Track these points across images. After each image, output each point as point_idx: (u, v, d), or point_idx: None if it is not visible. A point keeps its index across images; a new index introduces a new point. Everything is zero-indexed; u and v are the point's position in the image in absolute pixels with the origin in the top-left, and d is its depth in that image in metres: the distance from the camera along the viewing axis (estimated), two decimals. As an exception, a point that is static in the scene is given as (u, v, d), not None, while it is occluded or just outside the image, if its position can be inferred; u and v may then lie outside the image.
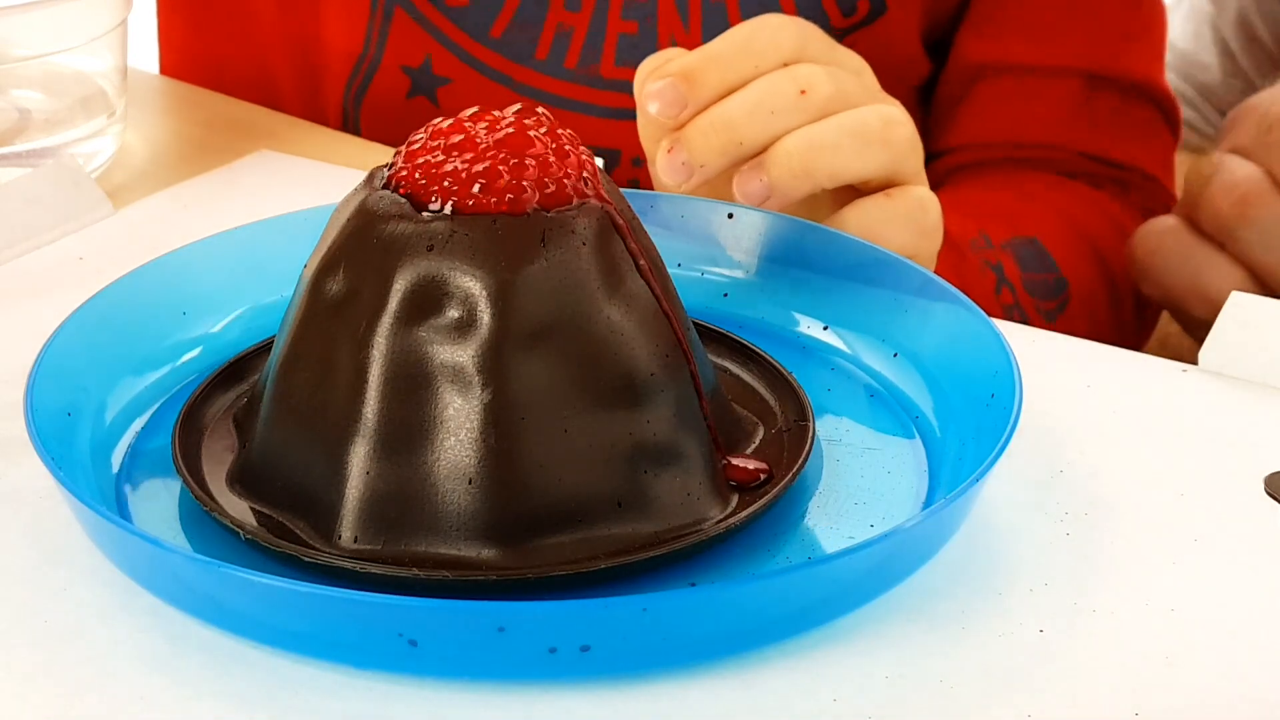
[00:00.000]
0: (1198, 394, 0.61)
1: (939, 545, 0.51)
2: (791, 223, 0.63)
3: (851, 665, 0.48)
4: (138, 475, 0.54)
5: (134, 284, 0.59)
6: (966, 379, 0.56)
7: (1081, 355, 0.64)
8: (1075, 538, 0.53)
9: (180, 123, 0.84)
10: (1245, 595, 0.51)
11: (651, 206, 0.64)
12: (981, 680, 0.48)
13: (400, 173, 0.52)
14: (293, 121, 0.85)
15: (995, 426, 0.52)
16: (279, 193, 0.75)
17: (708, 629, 0.47)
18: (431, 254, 0.50)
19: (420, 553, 0.49)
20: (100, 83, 0.78)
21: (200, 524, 0.52)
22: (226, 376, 0.57)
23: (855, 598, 0.49)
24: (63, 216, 0.71)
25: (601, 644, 0.46)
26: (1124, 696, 0.47)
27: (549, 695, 0.47)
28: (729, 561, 0.51)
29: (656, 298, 0.52)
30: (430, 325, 0.50)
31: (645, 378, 0.51)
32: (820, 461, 0.55)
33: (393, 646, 0.46)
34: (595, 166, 0.53)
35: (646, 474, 0.51)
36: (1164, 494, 0.55)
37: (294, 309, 0.53)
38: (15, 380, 0.54)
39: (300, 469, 0.51)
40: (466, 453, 0.49)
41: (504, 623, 0.45)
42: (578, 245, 0.51)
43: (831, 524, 0.53)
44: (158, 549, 0.47)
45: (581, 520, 0.50)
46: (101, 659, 0.48)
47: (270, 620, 0.47)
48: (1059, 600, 0.50)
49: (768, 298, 0.63)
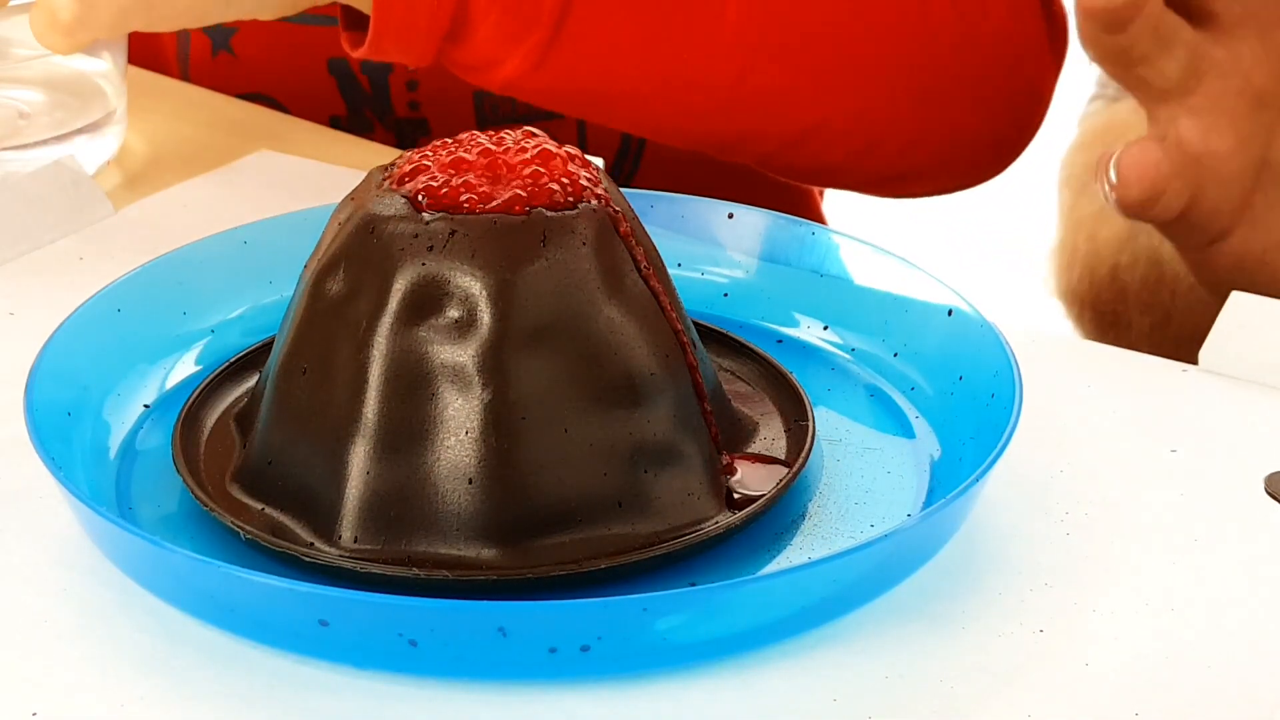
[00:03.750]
0: (1198, 394, 0.61)
1: (939, 545, 0.51)
2: (791, 222, 0.63)
3: (851, 665, 0.48)
4: (138, 475, 0.54)
5: (134, 284, 0.59)
6: (966, 379, 0.56)
7: (1081, 355, 0.64)
8: (1075, 538, 0.53)
9: (180, 123, 0.84)
10: (1245, 595, 0.51)
11: (651, 206, 0.64)
12: (981, 680, 0.47)
13: (401, 173, 0.52)
14: (293, 121, 0.85)
15: (995, 426, 0.52)
16: (279, 193, 0.75)
17: (708, 629, 0.47)
18: (432, 254, 0.50)
19: (420, 553, 0.49)
20: (100, 83, 0.78)
21: (200, 524, 0.52)
22: (226, 376, 0.57)
23: (855, 598, 0.49)
24: (63, 216, 0.71)
25: (601, 644, 0.46)
26: (1124, 696, 0.47)
27: (549, 695, 0.47)
28: (729, 561, 0.51)
29: (656, 297, 0.52)
30: (430, 325, 0.50)
31: (645, 378, 0.51)
32: (820, 461, 0.55)
33: (393, 646, 0.46)
34: (596, 168, 0.53)
35: (646, 474, 0.51)
36: (1164, 494, 0.55)
37: (294, 309, 0.53)
38: (15, 380, 0.54)
39: (301, 469, 0.51)
40: (467, 453, 0.49)
41: (504, 623, 0.45)
42: (578, 245, 0.51)
43: (831, 524, 0.53)
44: (158, 549, 0.47)
45: (581, 520, 0.50)
46: (101, 659, 0.48)
47: (270, 620, 0.47)
48: (1059, 600, 0.50)
49: (768, 298, 0.63)
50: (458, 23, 0.73)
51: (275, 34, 0.88)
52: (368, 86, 0.89)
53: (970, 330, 0.57)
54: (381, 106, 0.90)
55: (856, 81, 0.79)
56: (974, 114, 0.84)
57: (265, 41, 0.90)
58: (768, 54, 0.77)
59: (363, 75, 0.89)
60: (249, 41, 0.90)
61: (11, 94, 0.78)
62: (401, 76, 0.89)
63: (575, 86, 0.77)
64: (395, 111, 0.90)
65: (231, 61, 0.90)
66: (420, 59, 0.74)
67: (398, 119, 0.91)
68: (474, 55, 0.74)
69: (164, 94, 0.87)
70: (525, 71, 0.75)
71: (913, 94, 0.81)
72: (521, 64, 0.74)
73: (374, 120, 0.91)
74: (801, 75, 0.78)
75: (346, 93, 0.90)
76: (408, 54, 0.73)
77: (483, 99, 0.90)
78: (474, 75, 0.76)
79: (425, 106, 0.90)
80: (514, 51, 0.74)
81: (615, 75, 0.77)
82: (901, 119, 0.81)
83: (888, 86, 0.80)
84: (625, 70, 0.76)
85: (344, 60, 0.89)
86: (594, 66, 0.76)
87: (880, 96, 0.80)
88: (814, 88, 0.79)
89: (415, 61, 0.74)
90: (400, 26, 0.72)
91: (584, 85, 0.77)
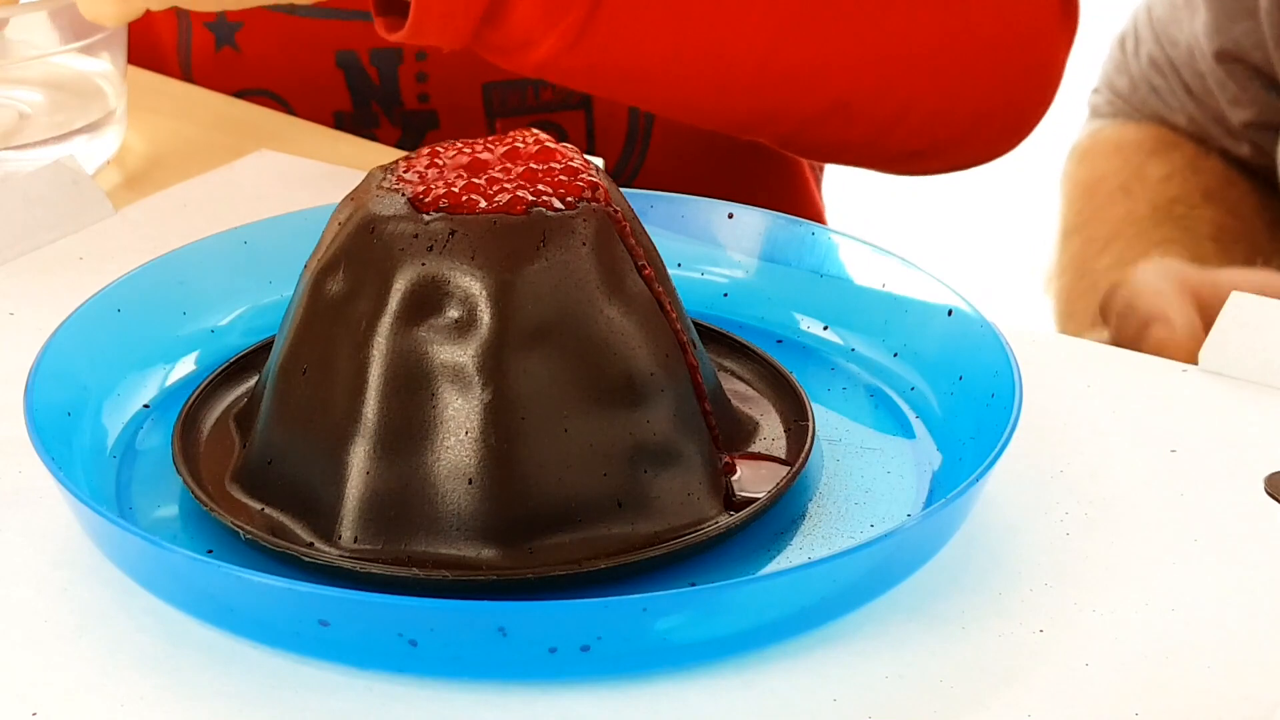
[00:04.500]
0: (1198, 394, 0.61)
1: (939, 545, 0.51)
2: (791, 222, 0.63)
3: (851, 665, 0.48)
4: (138, 475, 0.54)
5: (134, 284, 0.59)
6: (966, 379, 0.56)
7: (1081, 355, 0.64)
8: (1075, 538, 0.53)
9: (180, 123, 0.84)
10: (1245, 595, 0.51)
11: (651, 206, 0.64)
12: (981, 680, 0.48)
13: (401, 174, 0.52)
14: (293, 121, 0.85)
15: (995, 426, 0.52)
16: (279, 193, 0.75)
17: (708, 629, 0.47)
18: (432, 254, 0.50)
19: (420, 553, 0.49)
20: (100, 83, 0.78)
21: (200, 524, 0.52)
22: (226, 376, 0.57)
23: (855, 598, 0.49)
24: (63, 216, 0.71)
25: (601, 644, 0.46)
26: (1124, 696, 0.47)
27: (549, 695, 0.47)
28: (729, 561, 0.51)
29: (656, 298, 0.52)
30: (430, 325, 0.50)
31: (645, 378, 0.51)
32: (820, 461, 0.55)
33: (393, 646, 0.46)
34: (596, 168, 0.53)
35: (646, 474, 0.51)
36: (1164, 494, 0.55)
37: (294, 309, 0.53)
38: (15, 380, 0.54)
39: (301, 469, 0.51)
40: (466, 453, 0.49)
41: (504, 623, 0.45)
42: (578, 245, 0.51)
43: (831, 524, 0.53)
44: (158, 549, 0.47)
45: (581, 520, 0.50)
46: (101, 659, 0.48)
47: (270, 620, 0.47)
48: (1059, 600, 0.50)
49: (768, 298, 0.63)
50: (496, 3, 0.73)
51: (282, 28, 0.88)
52: (376, 79, 0.89)
53: (970, 330, 0.57)
54: (390, 99, 0.90)
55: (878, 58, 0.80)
56: (991, 88, 0.84)
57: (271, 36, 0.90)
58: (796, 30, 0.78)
59: (372, 67, 0.90)
60: (254, 36, 0.90)
61: (11, 94, 0.78)
62: (411, 69, 0.89)
63: (609, 66, 0.77)
64: (404, 104, 0.90)
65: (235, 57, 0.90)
66: (456, 41, 0.74)
67: (405, 112, 0.91)
68: (510, 36, 0.75)
69: (164, 94, 0.87)
70: (560, 51, 0.75)
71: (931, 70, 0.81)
72: (557, 43, 0.75)
73: (380, 114, 0.91)
74: (827, 52, 0.79)
75: (354, 85, 0.90)
76: (445, 35, 0.74)
77: (491, 90, 0.90)
78: (507, 57, 0.76)
79: (434, 98, 0.90)
80: (550, 31, 0.74)
81: (648, 54, 0.77)
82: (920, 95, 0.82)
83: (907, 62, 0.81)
84: (658, 49, 0.77)
85: (353, 53, 0.89)
86: (628, 46, 0.76)
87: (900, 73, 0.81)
88: (839, 65, 0.79)
89: (451, 44, 0.74)
90: (443, 9, 0.72)
91: (617, 64, 0.77)
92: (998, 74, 0.83)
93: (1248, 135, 1.09)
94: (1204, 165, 1.11)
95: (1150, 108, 1.14)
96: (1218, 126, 1.11)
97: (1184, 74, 1.11)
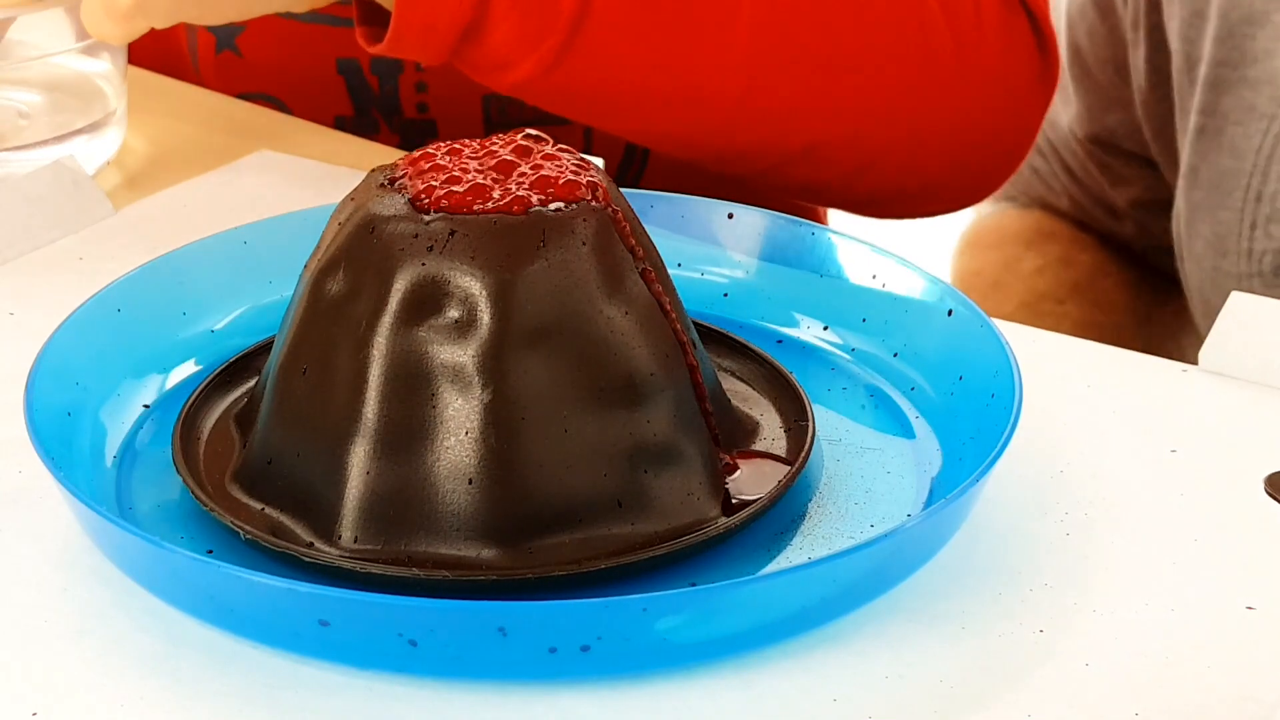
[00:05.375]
0: (1198, 394, 0.61)
1: (939, 545, 0.51)
2: (791, 222, 0.63)
3: (851, 665, 0.48)
4: (138, 475, 0.54)
5: (134, 284, 0.59)
6: (966, 379, 0.56)
7: (1081, 355, 0.64)
8: (1075, 538, 0.53)
9: (180, 123, 0.84)
10: (1245, 595, 0.51)
11: (651, 206, 0.64)
12: (981, 680, 0.48)
13: (401, 174, 0.52)
14: (293, 121, 0.85)
15: (995, 426, 0.52)
16: (279, 193, 0.75)
17: (708, 629, 0.47)
18: (432, 254, 0.50)
19: (420, 553, 0.49)
20: (100, 83, 0.78)
21: (200, 524, 0.52)
22: (226, 377, 0.57)
23: (855, 598, 0.49)
24: (63, 217, 0.71)
25: (601, 644, 0.46)
26: (1124, 696, 0.47)
27: (549, 695, 0.47)
28: (729, 561, 0.51)
29: (656, 298, 0.52)
30: (430, 325, 0.50)
31: (645, 378, 0.51)
32: (820, 461, 0.55)
33: (393, 646, 0.46)
34: (596, 168, 0.53)
35: (646, 474, 0.51)
36: (1164, 494, 0.55)
37: (294, 309, 0.53)
38: (15, 380, 0.54)
39: (300, 469, 0.51)
40: (466, 453, 0.49)
41: (504, 623, 0.45)
42: (578, 245, 0.51)
43: (831, 524, 0.53)
44: (158, 549, 0.47)
45: (581, 520, 0.50)
46: (101, 659, 0.48)
47: (270, 620, 0.47)
48: (1059, 600, 0.50)
49: (768, 298, 0.63)
50: (476, 22, 0.73)
51: (284, 33, 0.89)
52: (377, 87, 0.90)
53: (970, 330, 0.57)
54: (389, 107, 0.90)
55: (856, 105, 0.80)
56: (965, 144, 0.85)
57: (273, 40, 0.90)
58: (775, 71, 0.78)
59: (372, 75, 0.90)
60: (256, 40, 0.90)
61: (11, 94, 0.78)
62: (411, 78, 0.89)
63: (585, 92, 0.77)
64: (403, 113, 0.90)
65: (235, 61, 0.90)
66: (435, 57, 0.74)
67: (405, 120, 0.91)
68: (489, 56, 0.75)
69: (164, 94, 0.87)
70: (538, 75, 0.75)
71: (908, 121, 0.82)
72: (535, 67, 0.75)
73: (380, 121, 0.91)
74: (805, 95, 0.79)
75: (355, 92, 0.90)
76: (425, 51, 0.74)
77: (490, 102, 0.90)
78: (486, 76, 0.76)
79: (434, 108, 0.90)
80: (529, 55, 0.74)
81: (625, 84, 0.77)
82: (895, 145, 0.82)
83: (885, 112, 0.81)
84: (636, 80, 0.77)
85: (354, 60, 0.89)
86: (605, 74, 0.76)
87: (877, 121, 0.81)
88: (815, 108, 0.80)
89: (430, 59, 0.74)
90: (422, 24, 0.72)
91: (594, 92, 0.77)
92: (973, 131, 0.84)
93: (1132, 215, 1.10)
94: (1078, 258, 1.12)
95: (1034, 191, 1.15)
96: (1099, 208, 1.12)
97: (1064, 156, 1.12)
